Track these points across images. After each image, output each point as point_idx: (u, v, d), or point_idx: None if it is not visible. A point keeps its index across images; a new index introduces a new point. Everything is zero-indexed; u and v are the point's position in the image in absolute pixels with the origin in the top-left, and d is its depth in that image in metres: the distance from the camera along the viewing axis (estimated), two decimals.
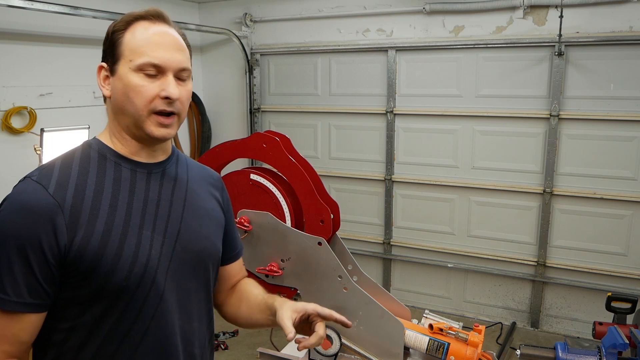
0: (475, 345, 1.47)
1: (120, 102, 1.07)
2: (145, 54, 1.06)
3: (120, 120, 1.10)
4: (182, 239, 1.12)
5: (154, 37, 1.09)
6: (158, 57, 1.06)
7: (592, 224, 3.88)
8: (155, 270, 1.06)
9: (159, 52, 1.07)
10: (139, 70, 1.05)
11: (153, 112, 1.06)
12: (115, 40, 1.08)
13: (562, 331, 4.12)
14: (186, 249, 1.13)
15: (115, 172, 1.08)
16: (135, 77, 1.05)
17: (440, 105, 4.21)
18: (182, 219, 1.14)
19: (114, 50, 1.08)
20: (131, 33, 1.08)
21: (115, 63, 1.07)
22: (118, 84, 1.07)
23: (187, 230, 1.14)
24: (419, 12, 4.13)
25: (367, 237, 4.69)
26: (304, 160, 1.63)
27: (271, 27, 4.80)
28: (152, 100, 1.06)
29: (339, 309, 1.55)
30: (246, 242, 1.60)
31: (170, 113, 1.08)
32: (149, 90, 1.05)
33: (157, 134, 1.08)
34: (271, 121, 4.99)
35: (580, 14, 3.66)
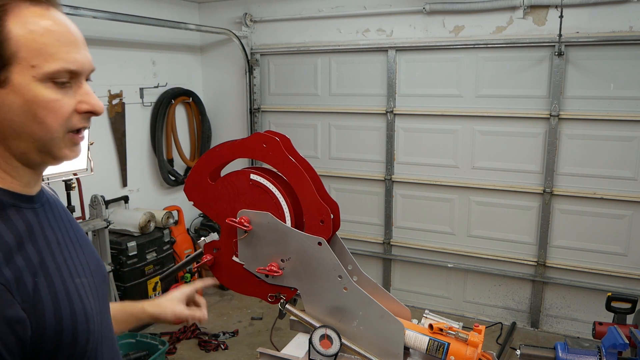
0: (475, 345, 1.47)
1: (18, 124, 0.78)
2: (57, 57, 0.78)
3: (12, 146, 0.80)
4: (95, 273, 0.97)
5: (59, 30, 0.80)
6: (73, 60, 0.80)
7: (592, 224, 3.88)
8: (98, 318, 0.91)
9: (73, 53, 0.81)
10: (46, 80, 0.78)
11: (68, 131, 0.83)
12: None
13: (562, 331, 4.12)
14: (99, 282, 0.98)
15: (21, 218, 0.82)
16: (43, 89, 0.78)
17: (440, 105, 4.21)
18: (84, 251, 0.97)
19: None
20: (21, 25, 0.76)
21: (0, 70, 0.76)
22: (12, 100, 0.76)
23: (92, 261, 0.98)
24: (419, 12, 4.13)
25: (367, 237, 4.69)
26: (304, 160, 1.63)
27: (271, 27, 4.80)
28: (69, 117, 0.81)
29: (339, 309, 1.55)
30: (246, 242, 1.60)
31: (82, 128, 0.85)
32: (64, 105, 0.80)
33: (72, 156, 0.85)
34: (271, 121, 4.99)
35: (580, 14, 3.66)
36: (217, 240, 1.66)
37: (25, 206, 0.85)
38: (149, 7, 4.47)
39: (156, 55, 4.69)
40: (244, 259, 1.61)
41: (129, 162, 4.50)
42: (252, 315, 4.38)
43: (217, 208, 1.62)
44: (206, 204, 1.64)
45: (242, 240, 1.59)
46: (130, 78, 4.43)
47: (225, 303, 4.62)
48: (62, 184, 3.39)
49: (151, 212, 4.24)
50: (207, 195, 1.63)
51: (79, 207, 3.75)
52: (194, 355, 3.79)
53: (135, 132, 4.55)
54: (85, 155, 3.45)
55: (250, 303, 4.54)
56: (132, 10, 4.09)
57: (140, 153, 4.67)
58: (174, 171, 4.91)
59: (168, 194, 4.98)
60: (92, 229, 3.60)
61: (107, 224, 3.69)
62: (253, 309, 4.47)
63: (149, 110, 4.68)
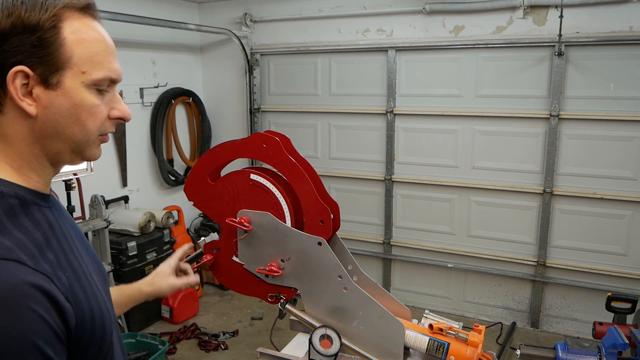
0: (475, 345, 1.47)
1: (61, 125, 0.83)
2: (103, 66, 0.85)
3: (48, 146, 0.85)
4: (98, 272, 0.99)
5: (105, 42, 0.87)
6: (115, 70, 0.87)
7: (592, 224, 3.88)
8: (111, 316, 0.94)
9: (115, 63, 0.87)
10: (92, 86, 0.84)
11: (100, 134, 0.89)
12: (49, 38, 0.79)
13: (562, 331, 4.12)
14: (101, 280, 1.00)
15: (42, 216, 0.84)
16: (88, 94, 0.84)
17: (440, 105, 4.21)
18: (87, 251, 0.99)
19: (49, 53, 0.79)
20: (75, 33, 0.81)
21: (54, 72, 0.80)
22: (61, 102, 0.82)
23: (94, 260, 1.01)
24: (419, 12, 4.13)
25: (367, 237, 4.69)
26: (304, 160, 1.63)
27: (271, 27, 4.80)
28: (104, 121, 0.88)
29: (339, 309, 1.55)
30: (246, 242, 1.60)
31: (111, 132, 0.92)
32: (102, 110, 0.87)
33: (99, 155, 0.91)
34: (271, 121, 4.99)
35: (580, 14, 3.66)
36: (217, 240, 1.66)
37: (45, 205, 0.87)
38: (149, 7, 4.47)
39: (156, 55, 4.69)
40: (244, 259, 1.61)
41: (129, 162, 4.50)
42: (252, 315, 4.38)
43: (217, 208, 1.62)
44: (206, 204, 1.64)
45: (242, 240, 1.59)
46: (130, 78, 4.42)
47: (225, 303, 4.62)
48: (62, 184, 3.39)
49: (151, 212, 4.24)
50: (207, 195, 1.63)
51: (79, 207, 3.75)
52: (194, 355, 3.79)
53: (135, 132, 4.55)
54: None
55: (250, 303, 4.54)
56: (132, 10, 4.08)
57: (140, 153, 4.67)
58: (174, 171, 4.91)
59: (168, 194, 4.98)
60: (92, 229, 3.60)
61: (107, 224, 3.69)
62: (253, 309, 4.47)
63: (149, 110, 4.68)
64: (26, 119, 0.82)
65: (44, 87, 0.80)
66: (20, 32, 0.78)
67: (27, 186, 0.85)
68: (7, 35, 0.77)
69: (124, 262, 3.98)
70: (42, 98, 0.81)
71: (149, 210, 4.27)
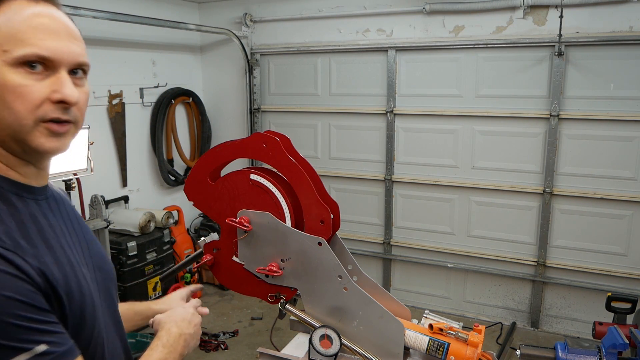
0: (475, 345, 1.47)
1: None
2: (29, 42, 0.78)
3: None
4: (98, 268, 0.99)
5: (39, 19, 0.80)
6: (47, 47, 0.79)
7: (592, 224, 3.88)
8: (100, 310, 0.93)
9: (48, 41, 0.80)
10: (18, 65, 0.78)
11: (42, 121, 0.81)
12: None
13: (562, 331, 4.11)
14: (103, 277, 1.01)
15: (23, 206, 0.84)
16: (12, 74, 0.78)
17: (440, 105, 4.21)
18: (88, 246, 1.00)
19: None
20: (3, 14, 0.78)
21: None
22: None
23: (96, 256, 1.01)
24: (419, 12, 4.13)
25: (367, 237, 4.69)
26: (304, 160, 1.63)
27: (271, 27, 4.80)
28: (39, 105, 0.80)
29: (339, 309, 1.55)
30: (246, 242, 1.60)
31: (66, 121, 0.84)
32: (34, 91, 0.79)
33: (49, 146, 0.83)
34: (271, 121, 4.99)
35: (580, 14, 3.66)
36: (217, 240, 1.66)
37: (28, 196, 0.86)
38: (149, 7, 4.47)
39: (156, 55, 4.69)
40: (244, 259, 1.61)
41: (129, 162, 4.50)
42: (252, 315, 4.38)
43: (217, 208, 1.62)
44: (206, 204, 1.64)
45: (242, 240, 1.59)
46: (130, 78, 4.43)
47: (225, 303, 4.62)
48: (62, 184, 3.39)
49: (151, 212, 4.24)
50: (207, 195, 1.63)
51: (79, 207, 3.75)
52: (194, 355, 3.79)
53: (135, 132, 4.55)
54: (85, 155, 3.45)
55: (250, 303, 4.54)
56: (132, 10, 4.08)
57: (140, 153, 4.67)
58: (174, 171, 4.91)
59: (168, 194, 4.98)
60: (92, 229, 3.59)
61: (107, 224, 3.69)
62: (253, 309, 4.47)
63: (149, 110, 4.68)
64: None
65: None
66: None
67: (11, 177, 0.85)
68: None
69: (124, 262, 3.98)
70: None
71: (149, 210, 4.27)
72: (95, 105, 4.09)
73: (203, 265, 1.68)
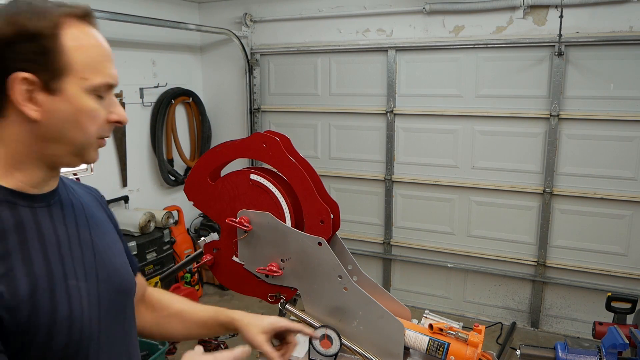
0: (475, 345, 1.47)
1: (62, 129, 0.86)
2: (102, 72, 0.87)
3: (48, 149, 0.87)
4: (103, 280, 0.97)
5: (104, 47, 0.90)
6: (112, 75, 0.90)
7: (592, 224, 3.88)
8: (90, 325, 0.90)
9: (111, 69, 0.90)
10: (92, 92, 0.86)
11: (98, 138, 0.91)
12: (50, 45, 0.82)
13: (562, 331, 4.12)
14: (110, 289, 0.98)
15: (11, 214, 0.85)
16: (88, 99, 0.86)
17: (440, 105, 4.21)
18: (95, 256, 0.97)
19: (50, 59, 0.82)
20: (73, 40, 0.84)
21: (56, 79, 0.83)
22: (63, 107, 0.84)
23: (103, 267, 0.99)
24: (419, 12, 4.13)
25: (367, 237, 4.69)
26: (304, 160, 1.63)
27: (271, 27, 4.80)
28: (102, 125, 0.90)
29: (339, 309, 1.55)
30: (246, 242, 1.60)
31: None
32: (101, 114, 0.89)
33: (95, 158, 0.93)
34: (271, 121, 4.99)
35: (580, 14, 3.66)
36: (217, 240, 1.67)
37: (22, 204, 0.87)
38: (149, 7, 4.47)
39: (156, 55, 4.69)
40: (244, 259, 1.61)
41: (129, 162, 4.50)
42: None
43: (217, 208, 1.62)
44: (206, 204, 1.64)
45: (242, 240, 1.59)
46: (130, 78, 4.42)
47: (225, 303, 4.62)
48: None
49: (151, 212, 4.24)
50: (207, 195, 1.63)
51: None
52: None
53: (135, 132, 4.55)
54: None
55: (250, 303, 4.54)
56: (132, 10, 4.08)
57: (140, 153, 4.67)
58: (174, 171, 4.91)
59: (168, 194, 4.98)
60: None
61: None
62: (253, 309, 4.47)
63: (149, 110, 4.67)
64: (29, 123, 0.84)
65: (46, 92, 0.83)
66: (23, 39, 0.80)
67: (6, 185, 0.86)
68: (10, 42, 0.80)
69: None
70: (44, 103, 0.83)
71: (149, 210, 4.27)
72: None
73: (203, 265, 1.69)
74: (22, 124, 0.84)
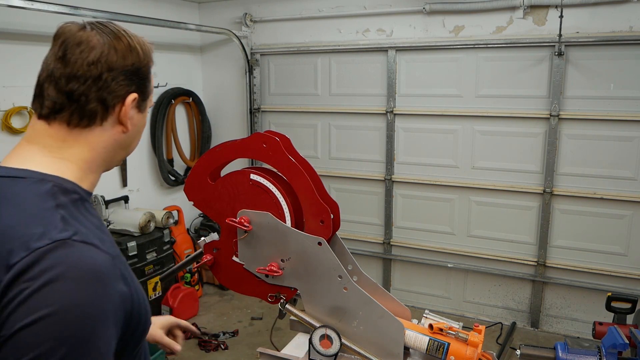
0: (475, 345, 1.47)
1: (133, 139, 1.04)
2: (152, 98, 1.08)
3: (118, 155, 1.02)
4: None
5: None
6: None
7: (592, 224, 3.88)
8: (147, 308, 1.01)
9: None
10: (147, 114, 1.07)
11: None
12: (147, 74, 1.00)
13: (562, 331, 4.12)
14: None
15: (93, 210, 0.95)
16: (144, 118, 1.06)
17: (440, 105, 4.21)
18: None
19: (146, 85, 1.01)
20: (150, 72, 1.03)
21: (145, 100, 1.02)
22: (141, 122, 1.03)
23: None
24: (419, 12, 4.13)
25: (367, 237, 4.69)
26: (304, 160, 1.63)
27: (271, 27, 4.80)
28: None
29: (339, 309, 1.55)
30: (246, 242, 1.60)
31: None
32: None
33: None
34: (271, 121, 4.99)
35: (580, 14, 3.66)
36: (217, 240, 1.67)
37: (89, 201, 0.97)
38: (149, 7, 4.47)
39: (156, 55, 4.57)
40: (244, 259, 1.61)
41: (129, 162, 4.50)
42: (252, 315, 4.38)
43: (217, 208, 1.62)
44: (206, 204, 1.64)
45: (242, 240, 1.59)
46: None
47: (225, 303, 4.62)
48: None
49: (151, 212, 4.24)
50: (207, 195, 1.63)
51: None
52: (194, 355, 3.79)
53: None
54: None
55: (250, 303, 4.55)
56: (132, 10, 4.08)
57: (140, 153, 4.67)
58: (174, 171, 4.91)
59: (168, 194, 4.98)
60: None
61: (107, 224, 3.69)
62: (253, 309, 4.47)
63: (149, 110, 4.66)
64: (120, 133, 0.98)
65: (137, 110, 1.00)
66: (138, 69, 0.97)
67: (82, 186, 0.95)
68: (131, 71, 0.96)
69: None
70: (134, 118, 0.99)
71: (149, 210, 4.27)
72: None
73: (203, 265, 1.69)
74: (114, 134, 0.97)
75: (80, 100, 0.91)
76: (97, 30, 0.93)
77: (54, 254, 0.78)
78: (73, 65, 0.90)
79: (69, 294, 0.76)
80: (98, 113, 0.93)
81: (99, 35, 0.93)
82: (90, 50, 0.91)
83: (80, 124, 0.93)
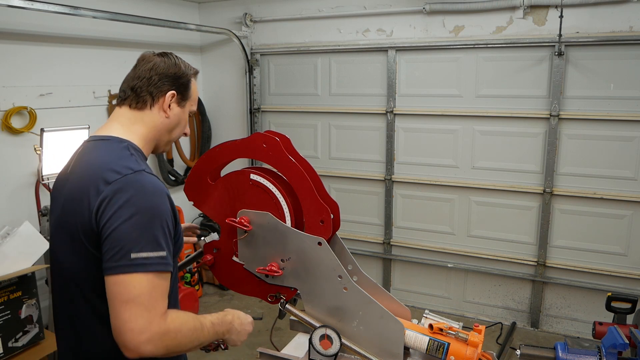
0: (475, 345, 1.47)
1: (173, 126, 1.47)
2: (195, 105, 1.53)
3: (161, 137, 1.46)
4: None
5: (197, 92, 1.55)
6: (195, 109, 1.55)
7: (592, 224, 3.88)
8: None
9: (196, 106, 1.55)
10: (188, 113, 1.51)
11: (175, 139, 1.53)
12: (187, 83, 1.47)
13: (562, 331, 4.12)
14: None
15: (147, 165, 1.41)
16: (186, 115, 1.51)
17: (440, 105, 4.21)
18: None
19: (185, 90, 1.47)
20: (194, 84, 1.50)
21: (184, 100, 1.47)
22: (180, 115, 1.47)
23: None
24: (419, 12, 4.13)
25: (367, 237, 4.69)
26: (304, 160, 1.63)
27: (271, 27, 4.80)
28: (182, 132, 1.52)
29: (339, 309, 1.55)
30: (246, 242, 1.60)
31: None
32: (185, 126, 1.53)
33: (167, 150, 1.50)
34: (271, 121, 4.99)
35: (580, 14, 3.66)
36: (217, 240, 1.67)
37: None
38: (149, 7, 4.47)
39: None
40: (244, 259, 1.61)
41: None
42: (252, 315, 4.35)
43: (217, 208, 1.62)
44: (206, 204, 1.64)
45: (242, 240, 1.59)
46: None
47: (225, 303, 4.62)
48: None
49: None
50: (207, 195, 1.63)
51: None
52: (194, 355, 3.78)
53: None
54: None
55: (250, 303, 4.54)
56: (132, 10, 4.08)
57: None
58: (174, 171, 4.91)
59: None
60: None
61: None
62: (253, 309, 4.47)
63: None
64: (163, 118, 1.43)
65: (177, 105, 1.45)
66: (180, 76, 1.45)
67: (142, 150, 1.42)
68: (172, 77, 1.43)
69: None
70: (174, 110, 1.45)
71: None
72: (96, 105, 4.09)
73: (203, 265, 1.69)
74: (160, 117, 1.43)
75: (137, 91, 1.40)
76: (158, 55, 1.45)
77: (135, 177, 1.25)
78: (138, 71, 1.42)
79: (145, 199, 1.23)
80: (147, 101, 1.41)
81: (158, 57, 1.44)
82: (148, 63, 1.42)
83: (137, 106, 1.41)
